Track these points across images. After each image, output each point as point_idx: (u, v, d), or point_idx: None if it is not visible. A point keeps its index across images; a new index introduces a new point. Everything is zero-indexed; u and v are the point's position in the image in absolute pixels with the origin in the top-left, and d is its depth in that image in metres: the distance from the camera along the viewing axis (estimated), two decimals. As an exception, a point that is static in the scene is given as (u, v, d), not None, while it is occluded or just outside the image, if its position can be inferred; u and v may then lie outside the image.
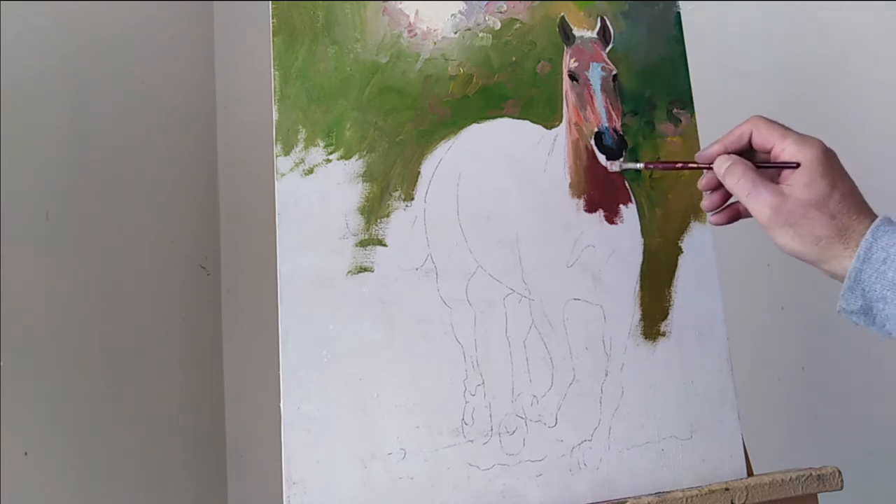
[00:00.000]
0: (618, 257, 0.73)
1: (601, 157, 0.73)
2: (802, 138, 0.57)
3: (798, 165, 0.56)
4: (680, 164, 0.67)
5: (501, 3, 0.74)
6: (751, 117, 0.60)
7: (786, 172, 0.57)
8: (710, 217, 0.65)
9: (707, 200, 0.64)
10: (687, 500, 0.66)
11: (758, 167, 0.58)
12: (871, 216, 0.55)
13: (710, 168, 0.61)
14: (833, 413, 1.26)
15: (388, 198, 0.67)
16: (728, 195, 0.62)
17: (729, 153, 0.60)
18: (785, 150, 0.57)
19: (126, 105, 1.00)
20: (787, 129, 0.58)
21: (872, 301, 0.54)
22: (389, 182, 0.67)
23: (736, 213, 0.64)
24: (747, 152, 0.60)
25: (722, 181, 0.60)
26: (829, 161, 0.56)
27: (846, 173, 0.57)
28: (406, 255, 0.66)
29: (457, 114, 0.70)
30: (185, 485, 1.09)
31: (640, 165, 0.72)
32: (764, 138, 0.59)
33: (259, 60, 0.84)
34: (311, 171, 0.66)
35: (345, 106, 0.68)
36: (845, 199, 0.55)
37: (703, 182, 0.64)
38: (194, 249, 1.17)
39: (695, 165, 0.63)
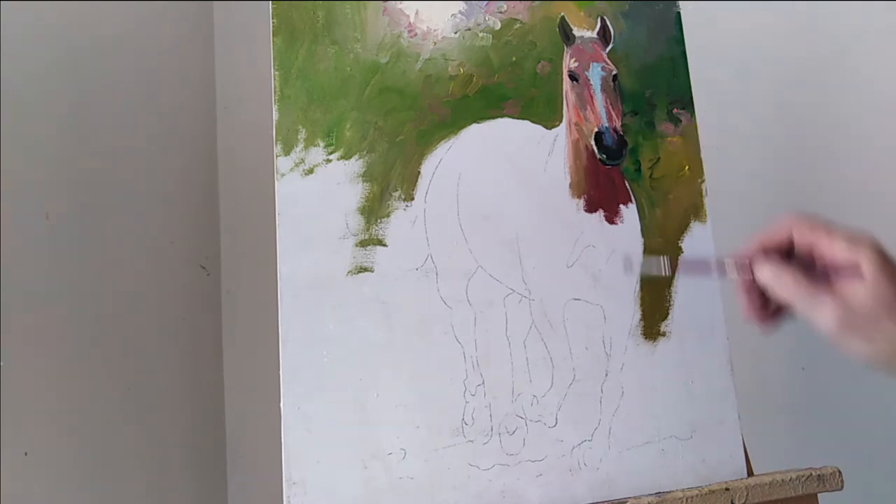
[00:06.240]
0: (618, 257, 0.73)
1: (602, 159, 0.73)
2: (852, 239, 0.53)
3: (859, 273, 0.51)
4: (715, 264, 0.59)
5: (501, 3, 0.74)
6: (787, 215, 0.56)
7: (842, 274, 0.53)
8: (760, 326, 0.59)
9: (748, 308, 0.58)
10: (687, 500, 0.66)
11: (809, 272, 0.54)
12: None
13: (749, 272, 0.56)
14: (833, 413, 1.26)
15: (388, 198, 0.67)
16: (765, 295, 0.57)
17: (766, 251, 0.56)
18: (836, 253, 0.53)
19: (126, 105, 1.00)
20: (830, 227, 0.54)
21: None
22: (389, 182, 0.67)
23: (783, 313, 0.58)
24: (785, 250, 0.56)
25: (771, 292, 0.55)
26: (885, 258, 0.52)
27: None
28: (406, 255, 0.66)
29: (457, 114, 0.70)
30: (185, 485, 1.09)
31: (665, 273, 0.70)
32: (806, 238, 0.55)
33: (259, 60, 0.84)
34: (311, 171, 0.66)
35: (345, 106, 0.68)
36: None
37: (743, 299, 0.58)
38: (194, 249, 1.17)
39: (732, 263, 0.57)
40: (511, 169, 0.71)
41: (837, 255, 0.53)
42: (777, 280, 0.54)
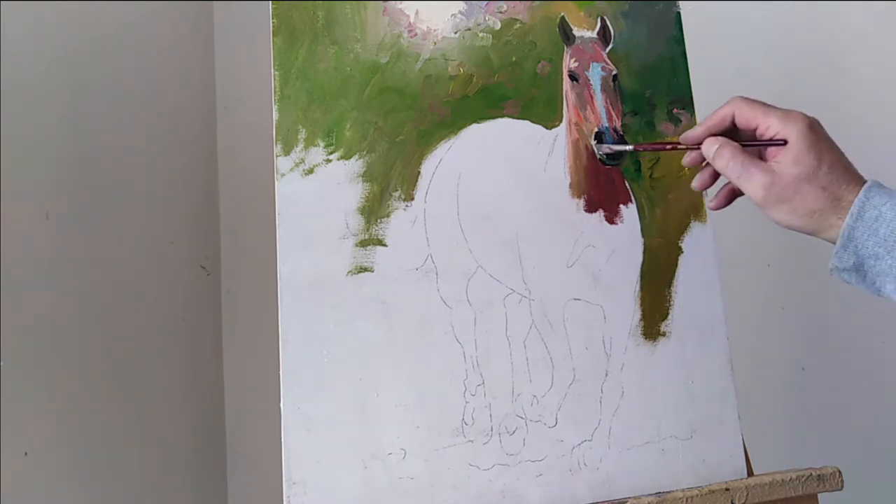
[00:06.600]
0: (618, 257, 0.73)
1: (597, 151, 0.73)
2: (785, 114, 0.58)
3: (785, 142, 0.57)
4: (669, 146, 0.69)
5: (501, 3, 0.74)
6: (732, 98, 0.61)
7: (773, 149, 0.58)
8: (708, 204, 0.66)
9: (698, 180, 0.65)
10: (687, 500, 0.66)
11: (744, 146, 0.59)
12: (861, 181, 0.57)
13: (698, 148, 0.62)
14: (833, 413, 1.26)
15: (388, 198, 0.67)
16: (717, 172, 0.63)
17: (714, 135, 0.61)
18: (770, 127, 0.58)
19: (126, 105, 1.00)
20: (768, 106, 0.59)
21: (864, 258, 0.55)
22: (389, 182, 0.67)
23: (731, 194, 0.65)
24: (732, 132, 0.61)
25: (712, 164, 0.61)
26: (814, 133, 0.57)
27: (832, 142, 0.58)
28: (406, 255, 0.66)
29: (457, 114, 0.70)
30: (185, 484, 1.09)
31: (628, 147, 0.72)
32: (747, 118, 0.59)
33: (259, 60, 0.84)
34: (311, 171, 0.66)
35: (345, 106, 0.68)
36: (833, 169, 0.56)
37: (687, 159, 0.65)
38: (194, 249, 1.17)
39: (683, 146, 0.64)
40: (511, 169, 0.71)
41: (772, 130, 0.58)
42: (715, 153, 0.60)
